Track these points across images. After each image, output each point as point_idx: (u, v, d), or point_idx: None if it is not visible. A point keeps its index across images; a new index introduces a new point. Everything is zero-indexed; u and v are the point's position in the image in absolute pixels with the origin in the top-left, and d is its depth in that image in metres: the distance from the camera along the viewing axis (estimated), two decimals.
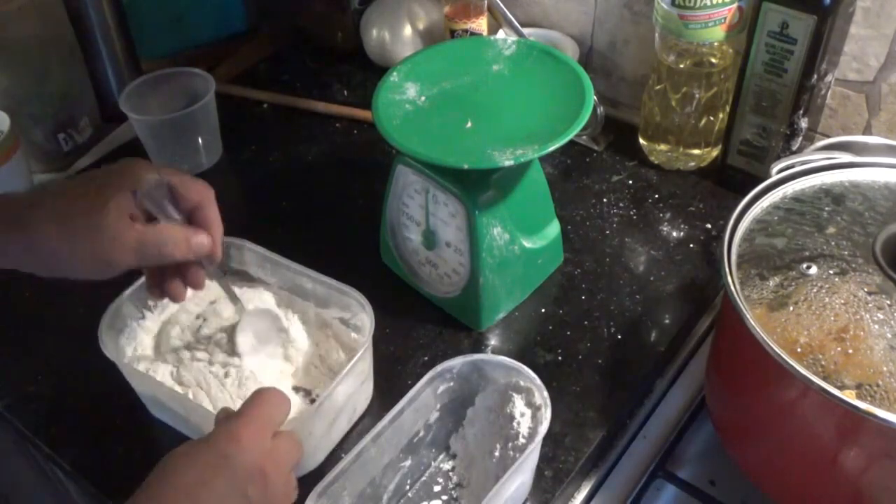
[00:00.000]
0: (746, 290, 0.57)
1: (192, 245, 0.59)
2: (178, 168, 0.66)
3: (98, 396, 0.73)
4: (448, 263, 0.75)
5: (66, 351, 0.77)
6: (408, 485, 0.66)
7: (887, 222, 0.59)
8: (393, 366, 0.74)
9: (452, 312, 0.78)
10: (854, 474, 0.54)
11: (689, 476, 0.68)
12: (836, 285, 0.56)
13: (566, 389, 0.72)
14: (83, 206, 0.56)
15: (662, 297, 0.79)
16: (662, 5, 0.81)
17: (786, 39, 0.76)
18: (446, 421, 0.67)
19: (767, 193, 0.63)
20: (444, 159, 0.66)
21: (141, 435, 0.70)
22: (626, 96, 1.04)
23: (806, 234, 0.60)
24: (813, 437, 0.55)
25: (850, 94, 0.85)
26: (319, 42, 1.16)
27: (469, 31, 1.00)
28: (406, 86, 0.73)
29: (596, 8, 0.99)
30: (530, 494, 0.65)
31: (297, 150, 1.00)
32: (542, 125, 0.68)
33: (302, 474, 0.66)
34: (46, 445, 0.71)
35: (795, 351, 0.54)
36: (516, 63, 0.75)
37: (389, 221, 0.79)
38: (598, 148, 0.96)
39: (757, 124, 0.83)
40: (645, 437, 0.72)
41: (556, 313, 0.78)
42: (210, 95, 0.93)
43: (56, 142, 1.00)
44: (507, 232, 0.73)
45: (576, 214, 0.88)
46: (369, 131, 1.01)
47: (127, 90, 0.93)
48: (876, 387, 0.51)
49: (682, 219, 0.87)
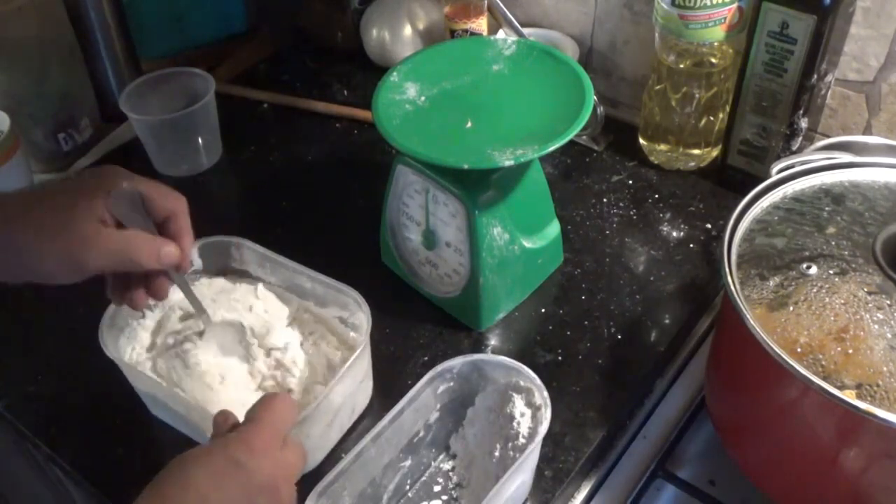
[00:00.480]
0: (746, 290, 0.57)
1: (161, 255, 0.59)
2: (179, 167, 0.66)
3: (98, 396, 0.73)
4: (448, 263, 0.75)
5: (66, 351, 0.77)
6: (408, 485, 0.66)
7: (887, 222, 0.59)
8: (393, 366, 0.74)
9: (452, 312, 0.78)
10: (854, 474, 0.54)
11: (689, 476, 0.68)
12: (836, 285, 0.56)
13: (566, 389, 0.72)
14: (54, 204, 0.56)
15: (662, 297, 0.79)
16: (662, 5, 0.81)
17: (786, 39, 0.76)
18: (446, 421, 0.67)
19: (767, 193, 0.63)
20: (444, 159, 0.66)
21: (141, 435, 0.70)
22: (626, 96, 1.04)
23: (806, 234, 0.60)
24: (813, 437, 0.55)
25: (850, 94, 0.85)
26: (319, 42, 1.16)
27: (469, 31, 1.00)
28: (406, 86, 0.73)
29: (596, 8, 0.99)
30: (530, 494, 0.65)
31: (297, 150, 1.00)
32: (542, 125, 0.68)
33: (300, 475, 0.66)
34: (46, 445, 0.71)
35: (795, 351, 0.54)
36: (516, 63, 0.75)
37: (389, 221, 0.79)
38: (598, 148, 0.96)
39: (757, 124, 0.83)
40: (645, 437, 0.72)
41: (556, 313, 0.78)
42: (210, 95, 0.93)
43: (56, 142, 1.00)
44: (507, 232, 0.73)
45: (576, 214, 0.88)
46: (369, 131, 1.01)
47: (127, 90, 0.93)
48: (876, 387, 0.51)
49: (682, 219, 0.87)
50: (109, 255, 0.57)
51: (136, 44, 1.05)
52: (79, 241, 0.56)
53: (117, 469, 0.68)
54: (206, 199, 0.93)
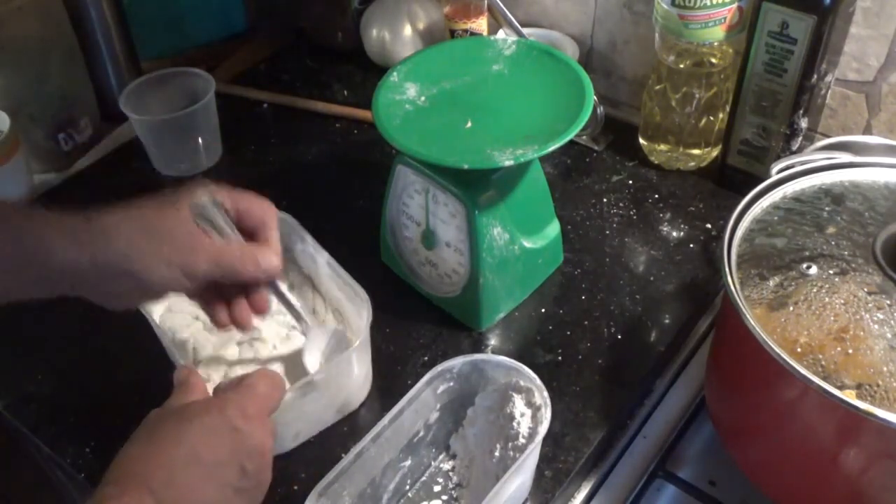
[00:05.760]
0: (746, 290, 0.57)
1: (262, 263, 0.58)
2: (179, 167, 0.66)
3: (98, 396, 0.73)
4: (448, 263, 0.75)
5: (66, 351, 0.77)
6: (408, 485, 0.66)
7: (887, 222, 0.59)
8: (393, 366, 0.74)
9: (452, 312, 0.78)
10: (854, 474, 0.54)
11: (689, 476, 0.68)
12: (836, 285, 0.56)
13: (566, 389, 0.72)
14: (158, 213, 0.55)
15: (662, 297, 0.79)
16: (662, 5, 0.81)
17: (786, 39, 0.76)
18: (446, 421, 0.67)
19: (767, 193, 0.63)
20: (444, 159, 0.66)
21: None
22: (626, 96, 1.04)
23: (806, 234, 0.60)
24: (813, 437, 0.55)
25: (850, 94, 0.85)
26: (319, 42, 1.16)
27: (469, 31, 1.00)
28: (406, 86, 0.73)
29: (596, 8, 0.99)
30: (530, 494, 0.65)
31: (297, 150, 1.00)
32: (542, 125, 0.68)
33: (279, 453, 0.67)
34: (46, 445, 0.71)
35: (795, 351, 0.54)
36: (516, 63, 0.75)
37: (389, 221, 0.79)
38: (598, 148, 0.96)
39: (757, 124, 0.83)
40: (645, 437, 0.72)
41: (556, 313, 0.78)
42: (210, 95, 0.93)
43: (56, 142, 1.00)
44: (507, 232, 0.73)
45: (576, 214, 0.88)
46: (369, 131, 1.01)
47: (127, 90, 0.93)
48: (876, 387, 0.51)
49: (682, 219, 0.87)
50: (214, 262, 0.56)
51: (136, 44, 1.06)
52: (187, 247, 0.55)
53: None
54: None
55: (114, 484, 0.47)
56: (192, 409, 0.51)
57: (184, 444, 0.49)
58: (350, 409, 0.71)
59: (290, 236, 0.75)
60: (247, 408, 0.52)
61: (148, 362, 0.68)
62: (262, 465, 0.52)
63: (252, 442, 0.51)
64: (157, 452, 0.49)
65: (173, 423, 0.50)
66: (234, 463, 0.50)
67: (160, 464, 0.48)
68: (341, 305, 0.73)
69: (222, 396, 0.53)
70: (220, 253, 0.56)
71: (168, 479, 0.48)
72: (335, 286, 0.72)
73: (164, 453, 0.49)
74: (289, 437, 0.67)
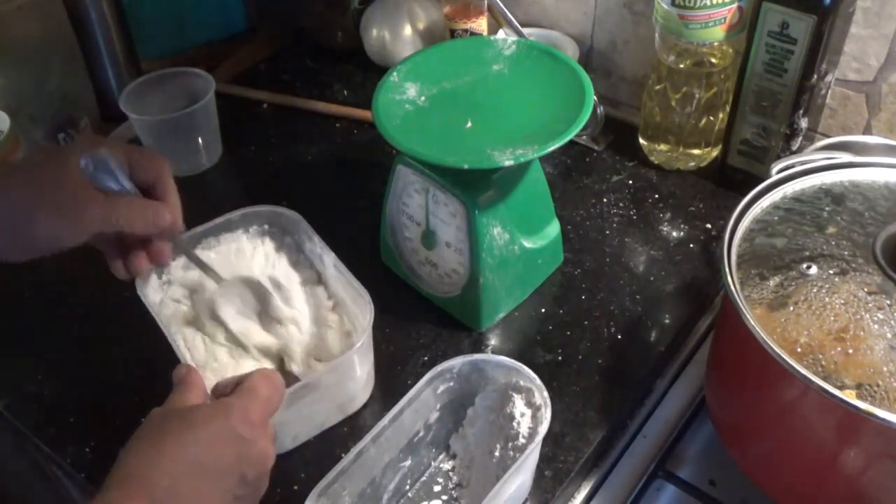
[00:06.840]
0: (746, 290, 0.57)
1: (153, 218, 0.58)
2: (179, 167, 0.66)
3: (98, 396, 0.73)
4: (448, 263, 0.75)
5: (66, 351, 0.77)
6: (408, 485, 0.66)
7: (887, 222, 0.59)
8: (393, 366, 0.74)
9: (452, 312, 0.78)
10: (854, 474, 0.54)
11: (689, 476, 0.68)
12: (836, 285, 0.56)
13: (566, 389, 0.72)
14: (43, 166, 0.55)
15: (662, 297, 0.79)
16: (662, 5, 0.81)
17: (786, 39, 0.76)
18: (446, 421, 0.67)
19: (767, 193, 0.63)
20: (444, 159, 0.66)
21: None
22: (626, 96, 1.04)
23: (806, 234, 0.60)
24: (813, 437, 0.55)
25: (850, 94, 0.85)
26: (319, 42, 1.16)
27: (469, 31, 1.00)
28: (406, 86, 0.73)
29: (596, 8, 0.99)
30: (530, 494, 0.65)
31: (297, 150, 1.00)
32: (542, 125, 0.68)
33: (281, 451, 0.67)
34: (46, 445, 0.71)
35: (795, 351, 0.54)
36: (516, 63, 0.75)
37: (389, 221, 0.79)
38: (598, 148, 0.96)
39: (757, 124, 0.83)
40: (645, 436, 0.72)
41: (556, 313, 0.78)
42: (210, 95, 0.93)
43: (56, 142, 1.00)
44: (507, 232, 0.73)
45: (576, 214, 0.88)
46: (369, 131, 1.01)
47: (127, 90, 0.93)
48: (876, 387, 0.51)
49: (682, 219, 0.87)
50: (103, 217, 0.55)
51: (136, 44, 1.06)
52: (73, 199, 0.54)
53: None
54: (206, 199, 0.93)
55: (117, 488, 0.47)
56: (197, 415, 0.51)
57: (188, 451, 0.49)
58: (353, 410, 0.71)
59: (298, 235, 0.75)
60: (250, 414, 0.52)
61: (148, 362, 0.68)
62: (262, 473, 0.52)
63: (255, 450, 0.51)
64: (161, 458, 0.48)
65: (178, 427, 0.50)
66: (237, 471, 0.50)
67: (164, 471, 0.48)
68: (345, 305, 0.73)
69: (226, 402, 0.53)
70: (109, 207, 0.55)
71: (171, 486, 0.48)
72: (340, 287, 0.72)
73: (168, 459, 0.48)
74: (289, 437, 0.67)
